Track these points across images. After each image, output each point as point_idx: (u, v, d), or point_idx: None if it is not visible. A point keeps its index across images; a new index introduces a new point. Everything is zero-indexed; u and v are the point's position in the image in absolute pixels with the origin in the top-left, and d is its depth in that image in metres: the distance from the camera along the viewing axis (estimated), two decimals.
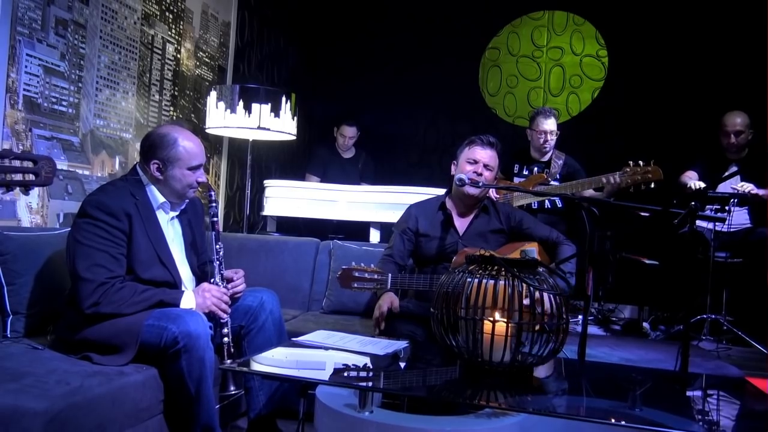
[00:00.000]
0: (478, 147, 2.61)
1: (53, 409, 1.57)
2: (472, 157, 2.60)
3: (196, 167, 2.20)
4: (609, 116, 5.23)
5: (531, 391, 1.72)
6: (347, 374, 1.65)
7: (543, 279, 1.68)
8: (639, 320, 4.21)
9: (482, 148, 2.60)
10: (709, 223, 3.51)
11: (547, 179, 3.85)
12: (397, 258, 2.67)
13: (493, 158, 2.61)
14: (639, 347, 2.86)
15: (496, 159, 2.63)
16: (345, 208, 3.98)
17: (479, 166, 2.58)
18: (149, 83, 3.51)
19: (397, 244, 2.71)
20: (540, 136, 3.86)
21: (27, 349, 2.05)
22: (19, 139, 2.64)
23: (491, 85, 5.60)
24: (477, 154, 2.60)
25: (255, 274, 3.35)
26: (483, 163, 2.58)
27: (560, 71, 5.42)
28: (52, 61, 2.78)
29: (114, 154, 3.22)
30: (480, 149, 2.60)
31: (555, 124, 3.88)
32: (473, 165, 2.59)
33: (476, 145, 2.61)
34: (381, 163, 5.25)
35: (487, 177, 2.58)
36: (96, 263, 2.00)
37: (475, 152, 2.60)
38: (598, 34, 5.33)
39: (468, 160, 2.61)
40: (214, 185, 4.30)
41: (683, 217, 2.03)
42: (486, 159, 2.59)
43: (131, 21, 3.31)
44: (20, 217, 2.67)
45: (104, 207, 2.05)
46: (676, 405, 1.78)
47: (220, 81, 4.26)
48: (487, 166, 2.58)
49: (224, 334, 2.18)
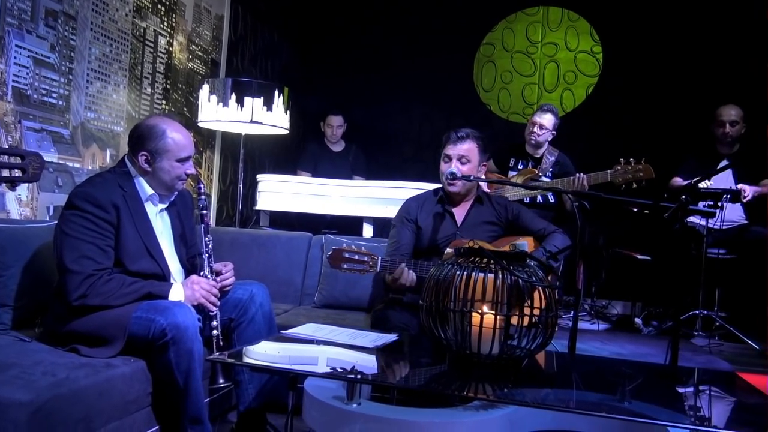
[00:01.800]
0: (450, 144, 2.63)
1: (38, 400, 1.55)
2: (446, 153, 2.64)
3: (184, 159, 2.19)
4: (603, 112, 5.23)
5: (520, 383, 1.72)
6: (336, 367, 1.64)
7: (532, 272, 1.68)
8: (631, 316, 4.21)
9: (454, 145, 2.61)
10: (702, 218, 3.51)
11: (538, 174, 3.86)
12: (405, 249, 2.65)
13: (469, 150, 2.61)
14: (630, 342, 2.87)
15: (473, 150, 2.62)
16: (338, 203, 3.98)
17: (452, 162, 2.60)
18: (141, 76, 3.49)
19: (403, 235, 2.69)
20: (530, 126, 3.89)
21: (14, 341, 2.04)
22: (9, 130, 2.62)
23: (486, 81, 5.59)
24: (449, 150, 2.63)
25: (247, 268, 3.35)
26: (456, 157, 2.59)
27: (555, 67, 5.41)
28: (42, 52, 2.76)
29: (105, 147, 3.20)
30: (452, 145, 2.62)
31: (550, 122, 3.88)
32: (447, 162, 2.61)
33: (449, 141, 2.64)
34: (375, 159, 5.24)
35: (464, 170, 2.59)
36: (83, 255, 1.98)
37: (447, 149, 2.64)
38: (593, 30, 5.32)
39: (442, 158, 2.66)
40: (206, 179, 4.28)
41: (674, 211, 2.03)
42: (460, 152, 2.60)
43: (123, 13, 3.28)
44: (9, 210, 2.65)
45: (92, 199, 2.03)
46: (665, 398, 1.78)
47: (213, 75, 4.24)
48: (462, 158, 2.60)
49: (213, 326, 2.17)
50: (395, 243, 2.68)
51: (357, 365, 1.66)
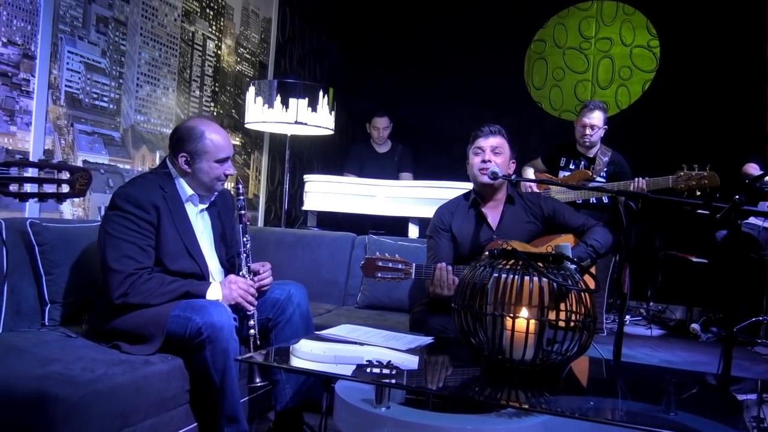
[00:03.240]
0: (481, 137, 2.61)
1: (75, 395, 1.59)
2: (477, 146, 2.61)
3: (223, 159, 2.22)
4: (661, 109, 5.03)
5: (556, 390, 1.65)
6: (369, 370, 1.61)
7: (569, 275, 1.61)
8: (689, 322, 4.02)
9: (486, 137, 2.60)
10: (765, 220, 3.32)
11: (592, 176, 3.73)
12: (447, 259, 2.59)
13: (501, 143, 2.59)
14: (684, 349, 2.73)
15: (504, 145, 2.61)
16: (383, 203, 3.96)
17: (486, 153, 2.57)
18: (190, 79, 3.57)
19: (441, 245, 2.64)
20: (580, 129, 3.76)
21: (61, 337, 2.10)
22: (62, 134, 2.72)
23: (537, 79, 5.47)
24: (480, 143, 2.60)
25: (292, 268, 3.37)
26: (489, 148, 2.57)
27: (609, 63, 5.25)
28: (93, 57, 2.86)
29: (154, 149, 3.28)
30: (483, 138, 2.60)
31: (600, 119, 3.75)
32: (480, 154, 2.59)
33: (480, 135, 2.62)
34: (425, 159, 5.20)
35: (499, 162, 2.55)
36: (124, 254, 2.03)
37: (478, 142, 2.61)
38: (650, 23, 5.12)
39: (474, 151, 2.61)
40: (254, 180, 4.35)
41: (726, 211, 1.91)
42: (491, 144, 2.57)
43: (171, 18, 3.37)
44: (62, 210, 2.75)
45: (132, 199, 2.09)
46: (714, 410, 1.67)
47: (261, 77, 4.30)
48: (495, 150, 2.57)
49: (250, 326, 2.19)
50: (434, 254, 2.64)
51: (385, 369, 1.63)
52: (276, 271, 3.24)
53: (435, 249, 2.65)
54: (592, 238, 2.55)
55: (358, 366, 1.65)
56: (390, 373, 1.61)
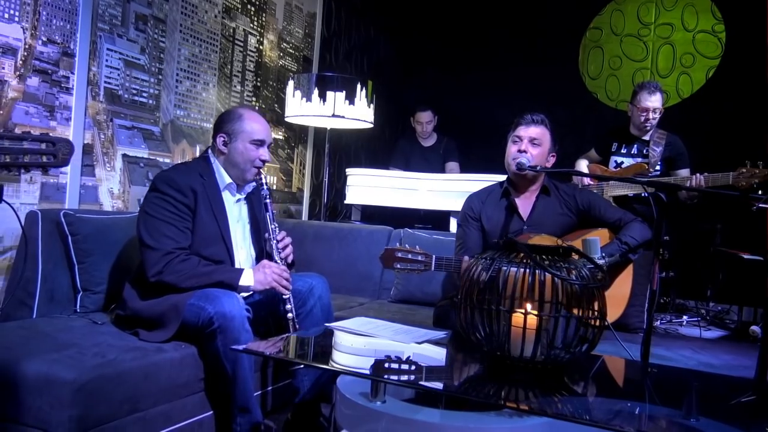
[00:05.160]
0: (521, 126, 2.51)
1: (81, 378, 1.64)
2: (516, 134, 2.52)
3: (258, 142, 2.26)
4: (726, 97, 4.72)
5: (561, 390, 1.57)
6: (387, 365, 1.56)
7: (574, 268, 1.52)
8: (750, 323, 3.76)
9: (527, 126, 2.50)
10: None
11: (648, 170, 3.53)
12: (475, 249, 2.53)
13: (542, 134, 2.49)
14: (731, 352, 2.55)
15: (546, 135, 2.50)
16: (425, 197, 3.90)
17: (523, 143, 2.47)
18: (230, 74, 3.63)
19: (469, 235, 2.59)
20: (642, 113, 3.52)
21: (87, 323, 2.18)
22: (101, 128, 2.82)
23: (592, 68, 5.26)
24: (520, 131, 2.50)
25: (328, 261, 3.39)
26: (528, 139, 2.47)
27: (670, 50, 4.97)
28: (133, 54, 2.95)
29: (194, 143, 3.36)
30: (524, 127, 2.50)
31: (660, 101, 3.52)
32: (517, 143, 2.49)
33: (522, 123, 2.52)
34: (474, 152, 5.09)
35: (535, 153, 2.44)
36: (163, 234, 2.11)
37: (518, 130, 2.51)
38: (714, 6, 4.82)
39: (513, 139, 2.53)
40: (299, 174, 4.39)
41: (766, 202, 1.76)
42: (532, 134, 2.47)
43: (212, 15, 3.43)
44: (102, 202, 2.86)
45: (173, 183, 2.16)
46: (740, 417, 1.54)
47: (305, 71, 4.33)
48: (534, 141, 2.46)
49: (288, 309, 2.22)
50: (462, 244, 2.58)
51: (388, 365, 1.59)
52: (312, 263, 3.27)
53: (463, 238, 2.60)
54: (628, 234, 2.42)
55: (376, 361, 1.61)
56: (409, 369, 1.57)
